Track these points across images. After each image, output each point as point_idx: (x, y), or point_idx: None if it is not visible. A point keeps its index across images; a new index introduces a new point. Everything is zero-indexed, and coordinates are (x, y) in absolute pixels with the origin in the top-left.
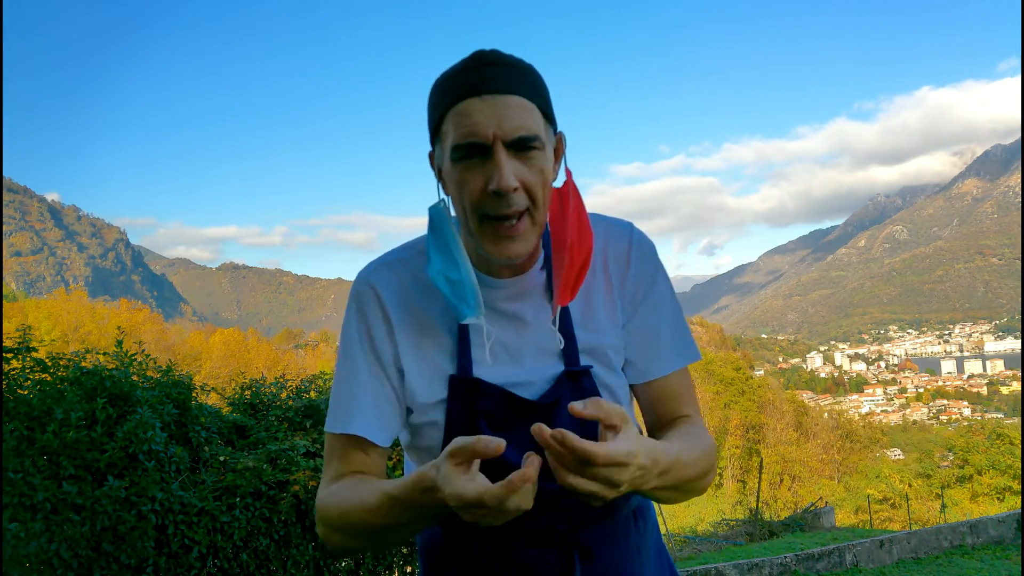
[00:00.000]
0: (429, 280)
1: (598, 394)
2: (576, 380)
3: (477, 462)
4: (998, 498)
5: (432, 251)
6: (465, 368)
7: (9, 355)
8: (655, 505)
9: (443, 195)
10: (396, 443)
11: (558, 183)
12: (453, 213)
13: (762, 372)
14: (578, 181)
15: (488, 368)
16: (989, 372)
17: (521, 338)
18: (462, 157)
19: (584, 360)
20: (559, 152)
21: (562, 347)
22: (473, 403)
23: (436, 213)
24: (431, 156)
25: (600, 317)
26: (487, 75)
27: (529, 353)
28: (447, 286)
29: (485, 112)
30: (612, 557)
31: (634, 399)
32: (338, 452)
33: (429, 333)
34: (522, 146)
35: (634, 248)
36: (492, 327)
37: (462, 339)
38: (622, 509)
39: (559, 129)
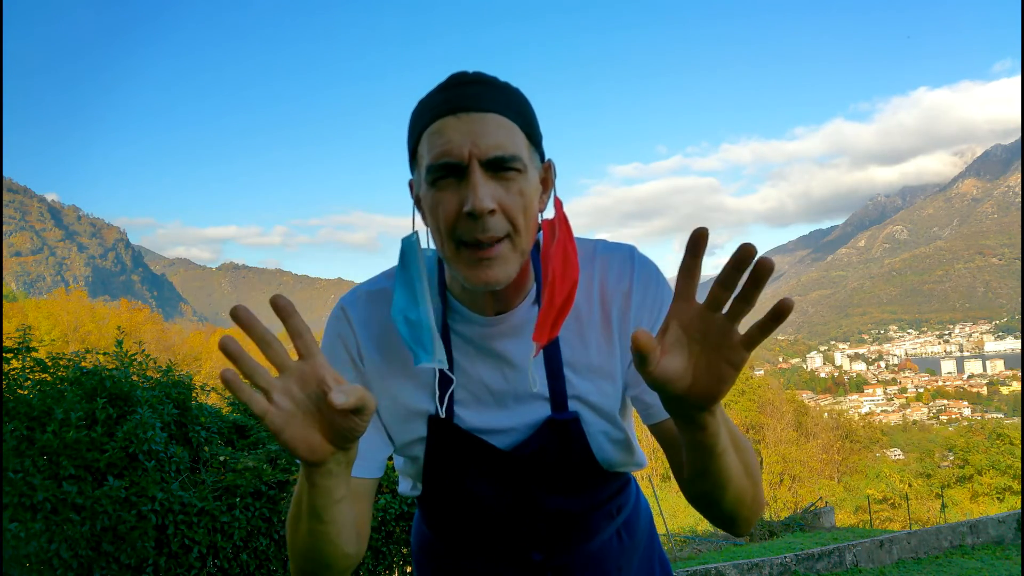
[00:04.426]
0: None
1: (586, 444)
2: (562, 428)
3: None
4: (998, 498)
5: (398, 286)
6: (445, 408)
7: (9, 355)
8: (655, 505)
9: (418, 227)
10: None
11: (548, 214)
12: (428, 245)
13: (762, 372)
14: (577, 182)
15: (469, 410)
16: (989, 372)
17: (506, 380)
18: (437, 179)
19: (573, 405)
20: (548, 183)
21: (537, 389)
22: (450, 446)
23: (407, 246)
24: (411, 184)
25: (595, 359)
26: (464, 93)
27: (514, 397)
28: (405, 327)
29: (460, 130)
30: None
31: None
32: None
33: (407, 370)
34: (500, 166)
35: (637, 276)
36: (475, 367)
37: (443, 377)
38: (605, 530)
39: (548, 157)
